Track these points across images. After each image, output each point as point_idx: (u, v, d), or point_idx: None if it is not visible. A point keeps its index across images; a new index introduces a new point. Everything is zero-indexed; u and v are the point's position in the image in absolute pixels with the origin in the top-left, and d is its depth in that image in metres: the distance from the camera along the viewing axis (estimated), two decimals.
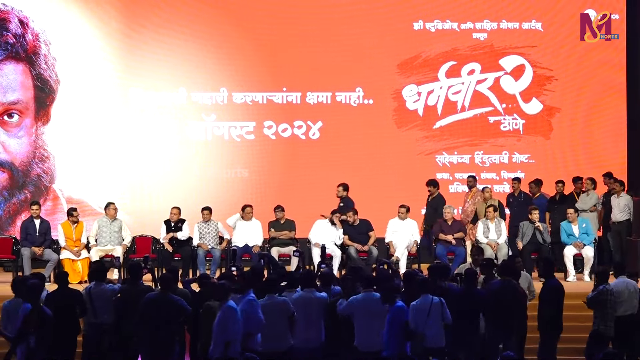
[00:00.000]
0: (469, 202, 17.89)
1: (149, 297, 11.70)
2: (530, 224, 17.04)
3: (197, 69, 19.15)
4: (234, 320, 11.15)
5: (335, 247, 16.84)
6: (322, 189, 18.35)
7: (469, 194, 17.99)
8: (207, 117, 19.25)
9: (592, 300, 12.91)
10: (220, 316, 11.17)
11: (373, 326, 11.64)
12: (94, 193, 18.81)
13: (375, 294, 11.79)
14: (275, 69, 19.30)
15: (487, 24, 19.44)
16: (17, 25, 18.70)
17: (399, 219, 17.31)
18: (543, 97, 19.47)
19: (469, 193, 17.98)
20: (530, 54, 19.44)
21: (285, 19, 19.27)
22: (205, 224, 17.14)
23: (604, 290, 12.85)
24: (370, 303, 11.71)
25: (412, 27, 19.37)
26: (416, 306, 11.72)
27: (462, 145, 19.46)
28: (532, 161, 19.45)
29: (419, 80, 19.40)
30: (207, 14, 19.13)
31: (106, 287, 12.50)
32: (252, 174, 19.27)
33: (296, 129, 19.39)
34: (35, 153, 18.87)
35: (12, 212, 18.80)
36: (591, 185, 17.96)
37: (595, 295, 12.86)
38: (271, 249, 17.00)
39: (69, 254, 16.85)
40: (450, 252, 16.91)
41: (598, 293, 12.86)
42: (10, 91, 18.76)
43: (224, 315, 11.16)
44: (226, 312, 11.17)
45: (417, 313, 11.67)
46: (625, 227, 17.78)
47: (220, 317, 11.16)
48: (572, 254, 16.87)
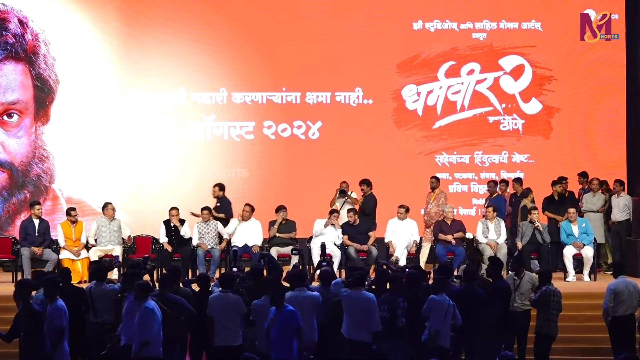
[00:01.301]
0: (432, 203, 17.74)
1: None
2: (530, 224, 17.04)
3: (197, 69, 19.15)
4: (153, 321, 11.20)
5: (335, 247, 16.83)
6: (321, 189, 18.33)
7: (431, 194, 17.82)
8: (206, 117, 19.24)
9: (536, 301, 12.95)
10: (138, 316, 11.23)
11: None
12: (94, 193, 18.81)
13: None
14: (275, 69, 19.30)
15: (486, 24, 19.44)
16: (16, 25, 18.69)
17: (398, 219, 17.31)
18: (542, 97, 19.47)
19: (432, 194, 17.81)
20: (529, 54, 19.44)
21: (285, 19, 19.27)
22: (204, 224, 17.13)
23: (546, 292, 12.86)
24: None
25: (412, 27, 19.37)
26: (435, 304, 11.81)
27: (462, 145, 19.46)
28: (532, 161, 19.45)
29: (419, 80, 19.40)
30: (207, 14, 19.13)
31: (107, 286, 12.50)
32: (252, 174, 19.27)
33: (296, 128, 19.39)
34: (34, 153, 18.87)
35: (11, 212, 18.80)
36: (598, 186, 17.95)
37: (539, 297, 12.89)
38: (271, 249, 17.01)
39: (69, 254, 16.84)
40: (450, 252, 16.91)
41: (541, 294, 12.87)
42: (10, 91, 18.76)
43: (142, 316, 11.22)
44: (144, 312, 11.23)
45: (436, 311, 11.75)
46: (625, 227, 17.80)
47: (138, 317, 11.23)
48: (571, 253, 16.87)
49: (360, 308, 11.79)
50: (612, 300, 13.10)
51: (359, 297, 11.86)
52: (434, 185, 17.82)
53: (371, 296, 11.89)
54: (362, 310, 11.78)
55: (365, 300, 11.83)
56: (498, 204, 17.54)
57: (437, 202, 17.67)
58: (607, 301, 13.15)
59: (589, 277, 16.90)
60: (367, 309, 11.79)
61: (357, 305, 11.81)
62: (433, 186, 17.82)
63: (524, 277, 13.20)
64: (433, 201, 17.71)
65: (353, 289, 11.93)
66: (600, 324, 13.87)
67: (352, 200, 17.69)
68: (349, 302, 11.87)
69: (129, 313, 11.36)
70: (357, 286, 11.94)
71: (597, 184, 17.95)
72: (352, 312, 11.82)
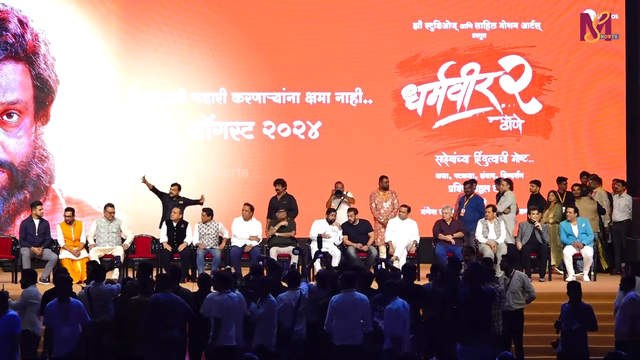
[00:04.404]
0: (388, 202, 17.66)
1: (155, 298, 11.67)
2: (529, 224, 17.03)
3: (197, 69, 19.15)
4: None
5: (334, 247, 16.83)
6: (321, 189, 18.32)
7: (385, 194, 17.76)
8: (206, 117, 19.24)
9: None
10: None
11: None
12: (93, 193, 18.81)
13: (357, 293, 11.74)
14: (275, 69, 19.30)
15: (486, 23, 19.43)
16: (16, 25, 18.69)
17: (399, 218, 17.30)
18: (542, 97, 19.47)
19: (385, 193, 17.76)
20: (529, 54, 19.43)
21: (285, 19, 19.26)
22: (205, 225, 17.13)
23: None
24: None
25: (412, 27, 19.37)
26: (392, 312, 11.69)
27: (462, 145, 19.46)
28: (532, 161, 19.45)
29: (419, 80, 19.40)
30: (207, 14, 19.13)
31: (105, 286, 12.49)
32: (252, 174, 19.27)
33: (295, 128, 19.39)
34: (34, 153, 18.87)
35: (11, 212, 18.79)
36: (553, 195, 17.76)
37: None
38: (270, 249, 17.01)
39: (68, 254, 16.84)
40: (450, 252, 16.90)
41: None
42: (10, 91, 18.75)
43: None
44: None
45: (393, 319, 11.67)
46: (625, 227, 17.78)
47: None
48: (571, 253, 16.87)
49: (353, 310, 11.53)
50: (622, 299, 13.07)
51: (352, 298, 11.61)
52: (385, 186, 17.69)
53: (364, 297, 11.68)
54: (356, 312, 11.53)
55: (359, 301, 11.59)
56: (477, 203, 17.48)
57: (392, 201, 17.57)
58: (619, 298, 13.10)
59: (589, 277, 16.89)
60: (361, 310, 11.55)
61: (350, 307, 11.54)
62: (385, 186, 17.69)
63: (514, 276, 13.18)
64: (389, 201, 17.58)
65: (344, 291, 11.67)
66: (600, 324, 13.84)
67: (349, 200, 17.69)
68: (339, 305, 11.58)
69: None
70: (348, 287, 11.69)
71: (553, 195, 17.69)
72: (345, 315, 11.54)
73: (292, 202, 17.62)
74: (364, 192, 17.95)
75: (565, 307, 12.41)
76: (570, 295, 12.41)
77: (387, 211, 17.58)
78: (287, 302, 11.93)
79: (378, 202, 17.66)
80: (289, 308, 11.90)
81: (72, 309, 11.59)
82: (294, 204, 17.62)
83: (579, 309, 12.31)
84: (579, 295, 12.38)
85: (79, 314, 11.65)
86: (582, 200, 17.73)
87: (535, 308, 13.97)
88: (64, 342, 11.53)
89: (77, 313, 11.63)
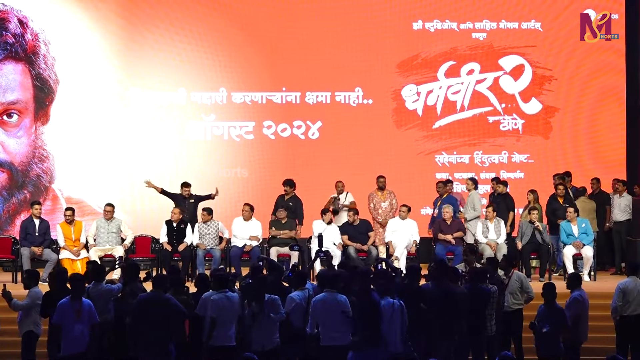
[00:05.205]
0: (386, 202, 17.67)
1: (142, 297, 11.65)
2: (529, 224, 17.04)
3: (197, 69, 19.15)
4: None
5: (334, 247, 16.83)
6: (321, 189, 18.33)
7: (383, 194, 17.76)
8: (206, 117, 19.24)
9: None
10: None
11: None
12: (94, 193, 18.81)
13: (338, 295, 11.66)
14: (275, 69, 19.30)
15: (486, 23, 19.44)
16: (16, 25, 18.69)
17: (400, 218, 17.31)
18: (542, 97, 19.47)
19: (383, 193, 17.76)
20: (529, 54, 19.44)
21: (285, 19, 19.27)
22: (205, 225, 17.13)
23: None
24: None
25: (412, 27, 19.37)
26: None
27: (462, 145, 19.47)
28: (532, 161, 19.45)
29: (418, 80, 19.40)
30: (207, 14, 19.14)
31: (105, 286, 12.49)
32: (252, 174, 19.27)
33: (295, 128, 19.39)
34: (34, 153, 18.87)
35: (11, 212, 18.80)
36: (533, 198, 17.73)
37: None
38: (270, 249, 17.01)
39: (68, 254, 16.84)
40: (450, 252, 16.91)
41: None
42: (10, 91, 18.76)
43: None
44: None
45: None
46: (625, 227, 17.79)
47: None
48: (571, 253, 16.87)
49: (336, 310, 11.41)
50: (620, 299, 13.09)
51: (334, 298, 11.48)
52: (382, 185, 17.73)
53: (344, 297, 11.53)
54: (338, 312, 11.40)
55: (341, 303, 11.44)
56: (450, 203, 17.49)
57: (390, 201, 17.59)
58: (616, 300, 13.14)
59: (589, 277, 16.90)
60: (345, 310, 11.43)
61: (333, 307, 11.41)
62: (381, 186, 17.72)
63: (513, 276, 13.19)
64: (387, 201, 17.60)
65: (326, 291, 11.55)
66: (600, 324, 13.90)
67: (349, 205, 17.63)
68: (321, 306, 11.45)
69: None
70: (330, 288, 11.58)
71: (532, 195, 17.60)
72: (328, 315, 11.43)
73: (297, 205, 17.57)
74: (364, 192, 17.95)
75: (541, 308, 12.47)
76: (544, 296, 12.48)
77: (385, 211, 17.59)
78: (299, 302, 11.83)
79: (376, 202, 17.67)
80: (300, 308, 11.86)
81: (84, 308, 11.58)
82: (300, 208, 17.56)
83: (552, 310, 12.36)
84: (553, 296, 12.44)
85: (90, 313, 11.62)
86: (580, 200, 17.74)
87: (534, 308, 13.93)
88: (75, 341, 11.47)
89: (88, 312, 11.60)
